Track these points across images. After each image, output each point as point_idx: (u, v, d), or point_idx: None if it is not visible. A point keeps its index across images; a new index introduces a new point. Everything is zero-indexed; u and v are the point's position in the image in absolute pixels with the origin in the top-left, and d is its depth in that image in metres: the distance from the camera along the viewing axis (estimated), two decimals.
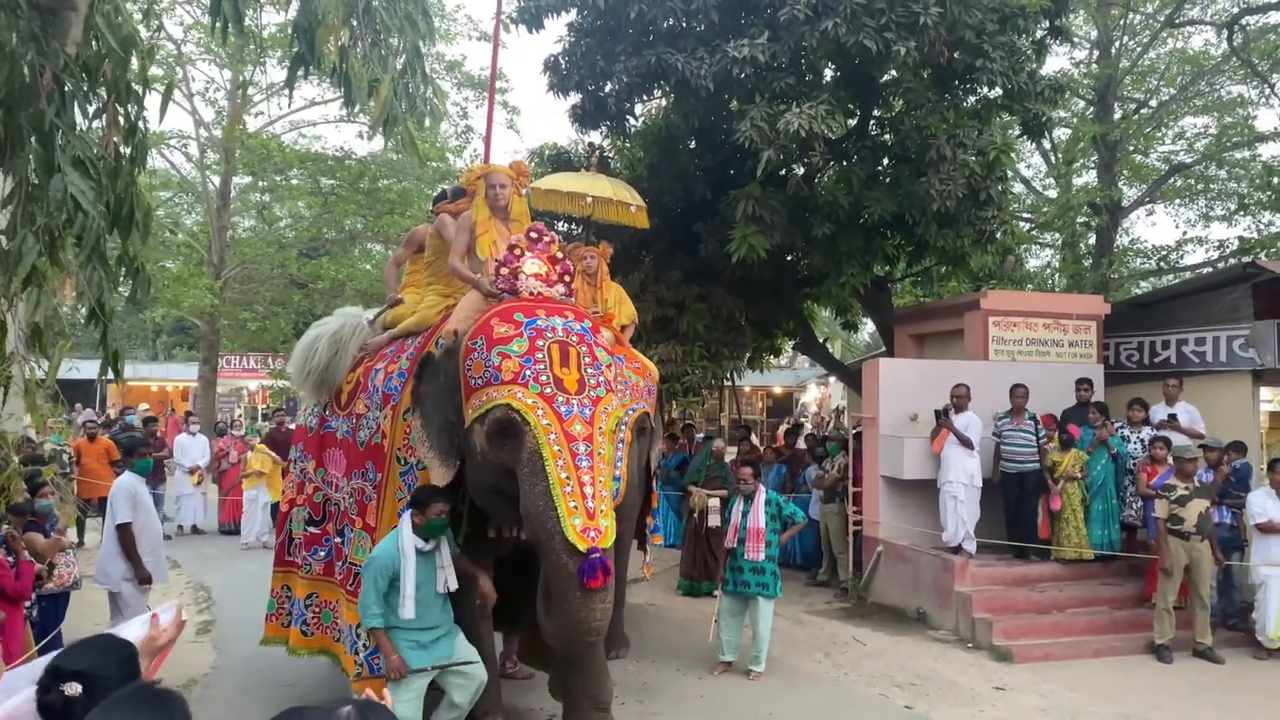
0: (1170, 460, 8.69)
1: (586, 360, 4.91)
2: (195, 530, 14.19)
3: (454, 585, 5.08)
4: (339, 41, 4.34)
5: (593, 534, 4.35)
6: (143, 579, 6.82)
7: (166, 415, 23.95)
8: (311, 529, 6.62)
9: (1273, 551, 8.29)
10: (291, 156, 20.55)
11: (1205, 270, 16.79)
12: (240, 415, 27.55)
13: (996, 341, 10.65)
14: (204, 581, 10.76)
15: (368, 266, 23.64)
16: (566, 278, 5.46)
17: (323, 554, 6.45)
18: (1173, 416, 9.49)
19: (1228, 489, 8.90)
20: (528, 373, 4.72)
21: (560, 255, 5.52)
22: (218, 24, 4.49)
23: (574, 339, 4.95)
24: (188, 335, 31.24)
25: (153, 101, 5.38)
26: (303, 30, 4.36)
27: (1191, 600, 8.37)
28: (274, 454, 13.61)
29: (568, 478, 4.46)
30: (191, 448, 14.36)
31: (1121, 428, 9.55)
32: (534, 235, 5.43)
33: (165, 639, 2.85)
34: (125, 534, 6.83)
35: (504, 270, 5.29)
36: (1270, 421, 11.85)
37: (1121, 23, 18.71)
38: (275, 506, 12.95)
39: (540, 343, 4.84)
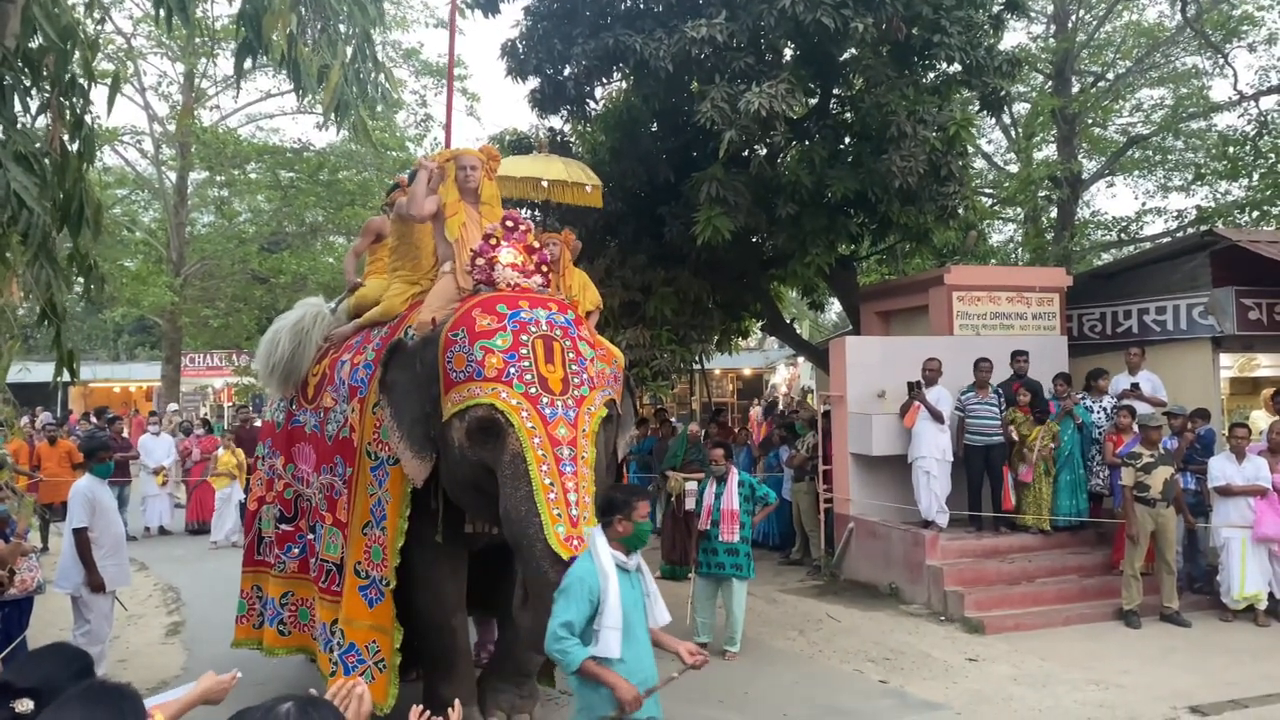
0: (1135, 429, 8.81)
1: (571, 356, 4.77)
2: (163, 531, 14.01)
3: (666, 618, 4.17)
4: (287, 28, 4.25)
5: (575, 542, 4.22)
6: (95, 585, 6.68)
7: (130, 415, 23.60)
8: (284, 526, 6.47)
9: (1233, 514, 8.43)
10: (249, 149, 20.27)
11: (1165, 240, 17.00)
12: (205, 413, 27.20)
13: (961, 316, 10.72)
14: (173, 582, 10.62)
15: (330, 259, 23.38)
16: (544, 267, 5.30)
17: (296, 551, 6.30)
18: (1135, 385, 9.61)
19: (1192, 455, 9.03)
20: (512, 370, 4.58)
21: (537, 245, 5.36)
22: (161, 13, 4.39)
23: (558, 333, 4.81)
24: (149, 334, 30.83)
25: (100, 95, 5.26)
26: (249, 18, 4.27)
27: (1158, 566, 8.50)
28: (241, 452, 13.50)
29: (551, 484, 4.35)
30: (156, 448, 14.17)
31: (1083, 398, 9.66)
32: (510, 224, 5.28)
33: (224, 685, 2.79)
34: (80, 538, 6.70)
35: (480, 260, 5.13)
36: (1231, 387, 12.03)
37: None
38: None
39: (524, 337, 4.69)
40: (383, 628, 5.17)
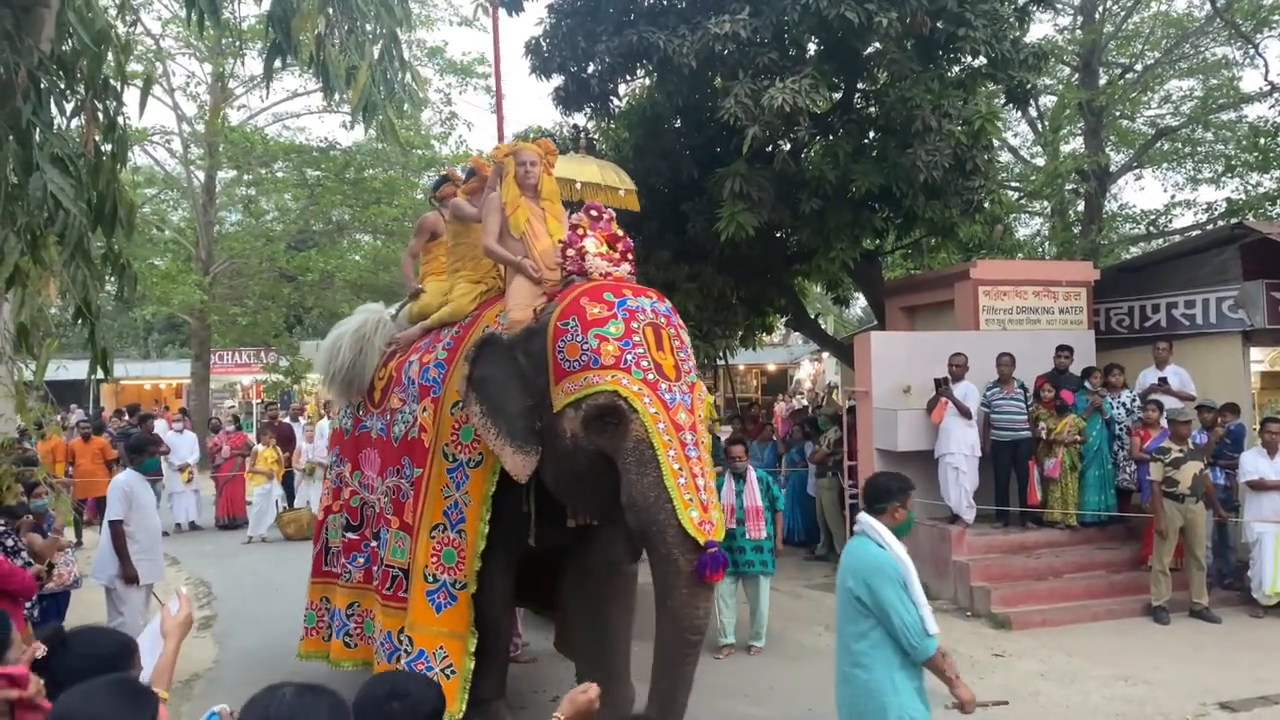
0: (1163, 423, 8.74)
1: (676, 343, 4.69)
2: (193, 527, 14.18)
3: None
4: (315, 30, 4.30)
5: (708, 527, 4.16)
6: (128, 577, 6.81)
7: (163, 412, 23.89)
8: (350, 535, 6.32)
9: (1265, 508, 8.35)
10: (275, 148, 20.47)
11: (1194, 233, 16.82)
12: (235, 409, 27.45)
13: (987, 311, 10.67)
14: (204, 577, 10.77)
15: (356, 257, 23.59)
16: (630, 255, 5.17)
17: (361, 560, 6.15)
18: (1163, 380, 9.53)
19: (1222, 450, 8.95)
20: (629, 357, 4.46)
21: (620, 233, 5.19)
22: (193, 16, 4.46)
23: (662, 320, 4.72)
24: (179, 332, 31.20)
25: (132, 97, 5.34)
26: (278, 20, 4.33)
27: (1187, 561, 8.44)
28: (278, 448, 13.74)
29: (679, 468, 4.24)
30: (180, 445, 14.33)
31: (1102, 394, 9.60)
32: (594, 213, 5.15)
33: (184, 619, 2.87)
34: (116, 531, 6.84)
35: (570, 251, 5.00)
36: (1261, 381, 11.90)
37: None
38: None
39: (635, 325, 4.57)
40: (455, 633, 5.04)
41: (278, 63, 4.85)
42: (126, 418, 17.90)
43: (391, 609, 5.43)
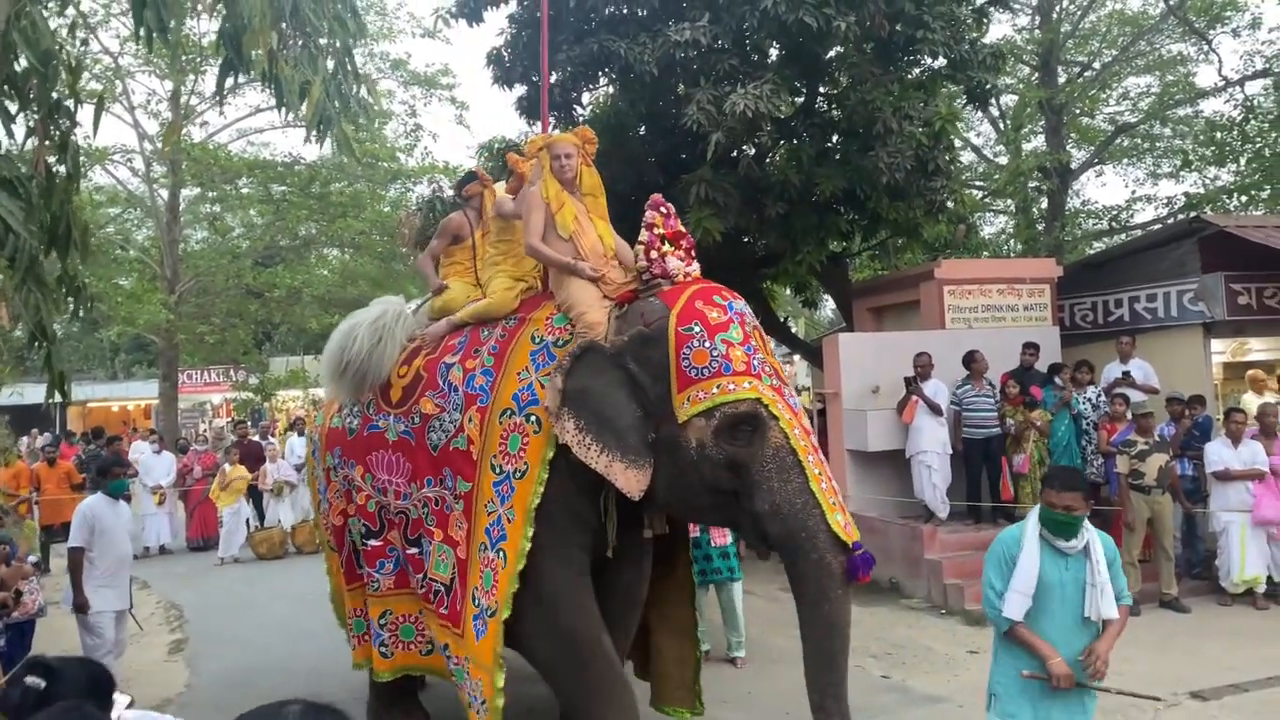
0: (1129, 417, 8.84)
1: (770, 346, 4.69)
2: (163, 550, 13.99)
3: (1109, 612, 4.06)
4: (268, 45, 4.26)
5: (850, 529, 4.22)
6: (78, 606, 6.67)
7: (130, 434, 23.61)
8: (371, 542, 5.89)
9: (1231, 498, 8.47)
10: (239, 164, 20.28)
11: (1155, 228, 17.05)
12: (206, 429, 27.17)
13: (953, 310, 10.77)
14: (175, 600, 10.62)
15: (324, 272, 23.41)
16: (693, 252, 4.96)
17: (390, 566, 5.76)
18: (1127, 374, 9.64)
19: (1190, 442, 9.06)
20: (755, 362, 4.41)
21: (683, 229, 4.99)
22: (142, 33, 4.40)
23: (757, 322, 4.68)
24: (146, 352, 30.83)
25: (87, 115, 5.28)
26: (229, 36, 4.28)
27: (1155, 553, 8.54)
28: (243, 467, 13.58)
29: (819, 473, 4.29)
30: (155, 466, 14.14)
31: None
32: (663, 211, 4.93)
33: None
34: (73, 558, 6.70)
35: (653, 253, 4.81)
36: (1225, 373, 12.05)
37: None
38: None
39: (747, 328, 4.51)
40: (482, 664, 4.72)
41: (231, 80, 4.81)
42: (94, 442, 17.67)
43: (445, 627, 5.20)
